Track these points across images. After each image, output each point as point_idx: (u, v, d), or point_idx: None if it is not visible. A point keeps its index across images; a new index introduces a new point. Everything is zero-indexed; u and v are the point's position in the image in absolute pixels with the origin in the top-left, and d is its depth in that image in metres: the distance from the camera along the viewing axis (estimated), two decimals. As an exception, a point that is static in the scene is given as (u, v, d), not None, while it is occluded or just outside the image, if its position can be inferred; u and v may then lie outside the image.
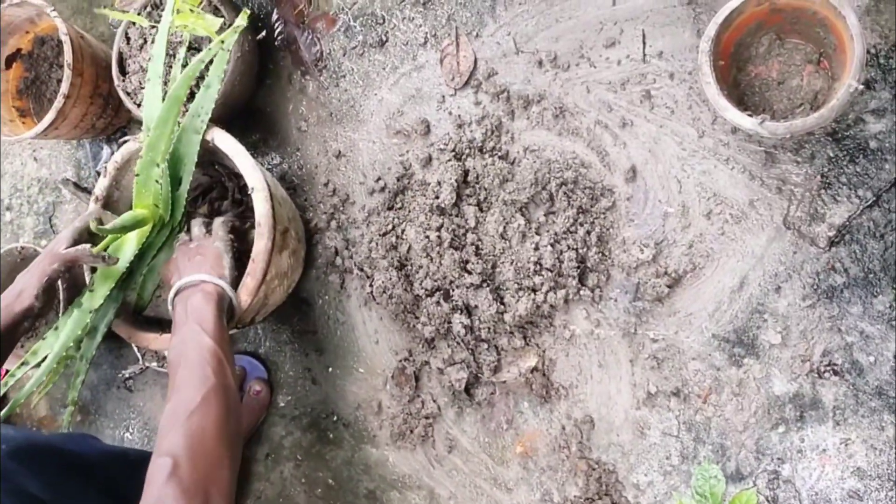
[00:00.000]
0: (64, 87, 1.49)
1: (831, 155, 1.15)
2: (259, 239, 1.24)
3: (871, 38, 1.14)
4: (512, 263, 1.31)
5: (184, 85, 1.21)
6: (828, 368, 1.16)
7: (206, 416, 0.97)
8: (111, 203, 1.38)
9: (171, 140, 1.22)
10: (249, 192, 1.25)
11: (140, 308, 1.34)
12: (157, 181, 1.22)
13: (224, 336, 1.11)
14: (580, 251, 1.29)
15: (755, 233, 1.20)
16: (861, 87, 0.98)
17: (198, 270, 1.18)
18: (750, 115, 1.06)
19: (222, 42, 1.22)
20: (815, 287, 1.17)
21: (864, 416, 1.14)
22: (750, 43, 1.16)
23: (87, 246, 1.17)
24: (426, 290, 1.36)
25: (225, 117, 1.48)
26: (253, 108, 1.60)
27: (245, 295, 1.22)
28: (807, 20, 1.10)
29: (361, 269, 1.47)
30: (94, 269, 1.28)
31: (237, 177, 1.39)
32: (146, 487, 0.90)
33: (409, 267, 1.39)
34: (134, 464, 1.29)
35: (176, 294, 1.16)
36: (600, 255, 1.29)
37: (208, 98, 1.26)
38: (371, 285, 1.42)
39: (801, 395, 1.17)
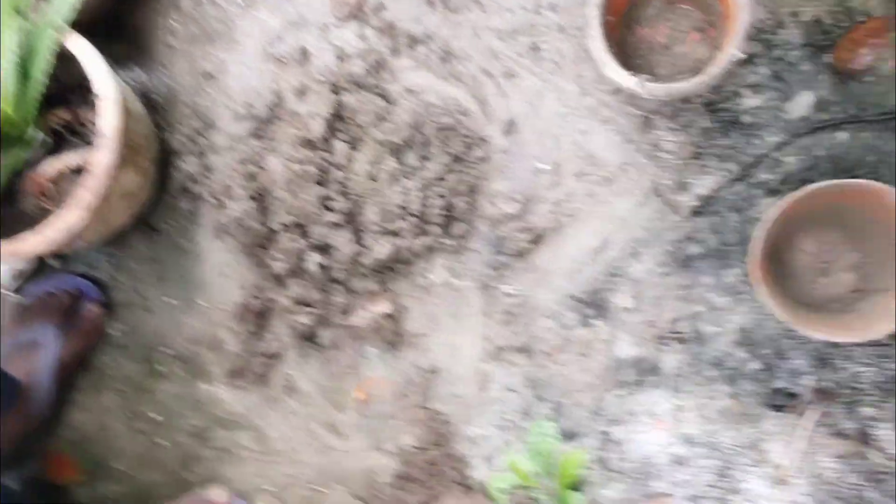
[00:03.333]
0: None
1: (705, 126, 1.19)
2: (100, 151, 1.15)
3: (759, 13, 1.17)
4: (378, 205, 1.27)
5: None
6: (673, 336, 1.19)
7: None
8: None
9: (10, 35, 1.14)
10: (95, 100, 1.17)
11: None
12: None
13: None
14: (448, 199, 1.26)
15: (623, 196, 1.22)
16: (742, 56, 1.01)
17: None
18: (631, 75, 1.07)
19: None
20: (673, 255, 1.19)
21: (699, 384, 1.17)
22: (641, 3, 1.18)
23: None
24: (283, 224, 1.29)
25: (88, 25, 1.36)
26: (119, 18, 1.49)
27: (77, 209, 1.13)
28: (697, -14, 1.13)
29: (216, 198, 1.39)
30: None
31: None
32: None
33: (268, 199, 1.32)
34: None
35: None
36: (468, 205, 1.27)
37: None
38: (224, 215, 1.35)
39: (644, 360, 1.20)
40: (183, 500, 1.34)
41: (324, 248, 1.30)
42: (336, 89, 1.33)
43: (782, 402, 1.13)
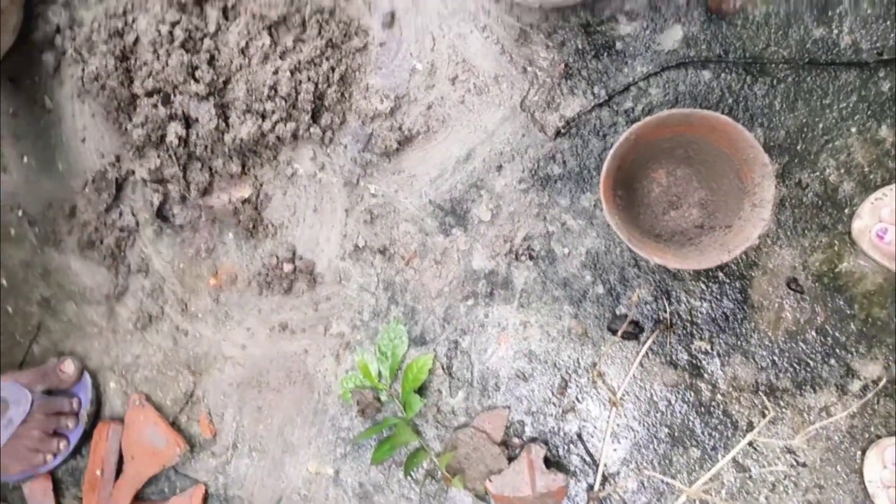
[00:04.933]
0: None
1: (579, 47, 1.17)
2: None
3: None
4: (246, 83, 1.22)
5: None
6: (525, 252, 1.19)
7: None
8: None
9: None
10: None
11: None
12: None
13: None
14: (320, 86, 1.22)
15: (492, 108, 1.20)
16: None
17: None
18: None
19: None
20: (534, 173, 1.19)
21: (546, 302, 1.19)
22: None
23: None
24: (145, 89, 1.23)
25: None
26: None
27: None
28: None
29: (80, 54, 1.31)
30: None
31: None
32: None
33: (132, 61, 1.25)
34: None
35: None
36: (340, 95, 1.24)
37: None
38: (83, 70, 1.27)
39: (496, 274, 1.21)
40: (33, 369, 1.32)
41: (186, 121, 1.25)
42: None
43: (621, 327, 1.15)
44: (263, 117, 1.22)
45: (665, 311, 1.15)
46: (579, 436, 1.18)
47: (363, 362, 1.25)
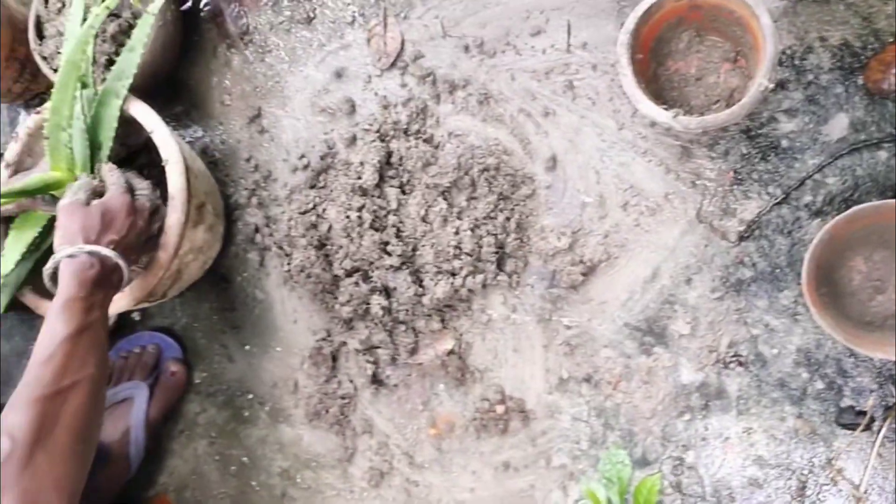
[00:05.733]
0: (-23, 49, 1.43)
1: (744, 152, 1.18)
2: (172, 212, 1.21)
3: (787, 40, 1.17)
4: (432, 247, 1.31)
5: (77, 48, 1.17)
6: (733, 359, 1.19)
7: (62, 404, 0.93)
8: (23, 170, 1.34)
9: (73, 103, 1.19)
10: (163, 165, 1.22)
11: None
12: (66, 145, 1.19)
13: (91, 320, 1.02)
14: (499, 237, 1.29)
15: (669, 225, 1.23)
16: (771, 85, 1.01)
17: (77, 238, 1.06)
18: (665, 109, 1.08)
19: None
20: (724, 280, 1.20)
21: (765, 406, 1.18)
22: (670, 38, 1.18)
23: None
24: (345, 270, 1.35)
25: (147, 88, 1.44)
26: (176, 81, 1.56)
27: (156, 269, 1.20)
28: (725, 18, 1.12)
29: (281, 248, 1.45)
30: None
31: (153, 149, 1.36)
32: None
33: (329, 246, 1.38)
34: None
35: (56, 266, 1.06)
36: (519, 241, 1.30)
37: (131, 62, 1.23)
38: (289, 264, 1.41)
39: (707, 385, 1.21)
40: None
41: (385, 291, 1.35)
42: (384, 137, 1.38)
43: (851, 420, 1.12)
44: (453, 275, 1.30)
45: (893, 397, 1.10)
46: (828, 535, 1.14)
47: (590, 491, 1.26)
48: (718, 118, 1.04)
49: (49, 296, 1.27)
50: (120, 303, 1.22)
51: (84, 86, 1.22)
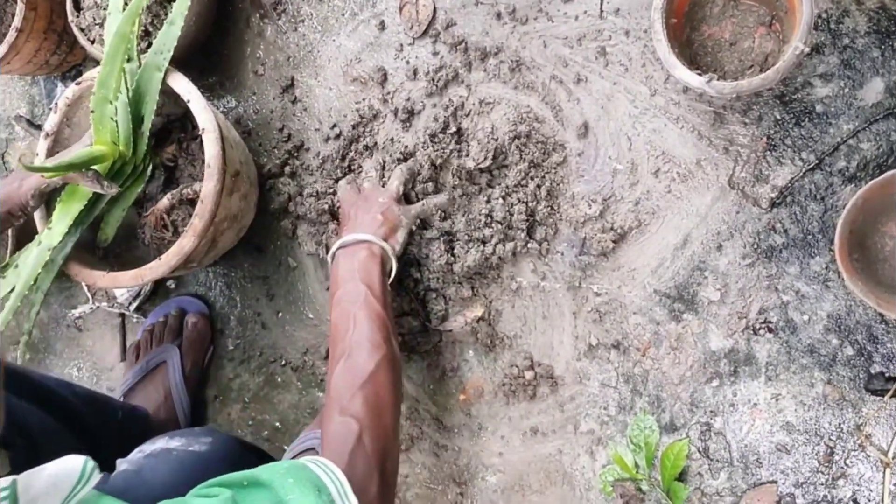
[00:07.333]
0: (17, 21, 1.45)
1: (778, 117, 1.18)
2: (208, 180, 1.23)
3: (823, 3, 1.16)
4: (463, 215, 1.32)
5: (127, 21, 1.19)
6: (763, 326, 1.19)
7: (381, 386, 0.99)
8: (62, 140, 1.36)
9: (121, 77, 1.21)
10: (200, 133, 1.24)
11: (102, 243, 1.34)
12: (112, 118, 1.21)
13: (389, 303, 1.13)
14: (530, 205, 1.30)
15: (700, 192, 1.23)
16: (807, 49, 1.00)
17: (373, 231, 1.21)
18: (699, 74, 1.08)
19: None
20: (756, 246, 1.20)
21: (795, 372, 1.18)
22: (704, 3, 1.17)
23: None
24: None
25: (182, 59, 1.46)
26: (210, 51, 1.58)
27: (192, 236, 1.22)
28: (760, -18, 1.12)
29: (313, 217, 1.47)
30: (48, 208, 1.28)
31: (188, 120, 1.38)
32: (328, 443, 0.92)
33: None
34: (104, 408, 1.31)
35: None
36: (549, 209, 1.31)
37: (171, 35, 1.24)
38: (322, 233, 1.42)
39: (736, 351, 1.21)
40: None
41: (417, 262, 1.37)
42: (414, 106, 1.38)
43: (881, 386, 1.12)
44: (484, 243, 1.31)
45: (925, 363, 1.11)
46: (855, 501, 1.14)
47: (618, 455, 1.27)
48: (752, 83, 1.04)
49: (88, 263, 1.31)
50: (157, 268, 1.25)
51: (128, 59, 1.24)
